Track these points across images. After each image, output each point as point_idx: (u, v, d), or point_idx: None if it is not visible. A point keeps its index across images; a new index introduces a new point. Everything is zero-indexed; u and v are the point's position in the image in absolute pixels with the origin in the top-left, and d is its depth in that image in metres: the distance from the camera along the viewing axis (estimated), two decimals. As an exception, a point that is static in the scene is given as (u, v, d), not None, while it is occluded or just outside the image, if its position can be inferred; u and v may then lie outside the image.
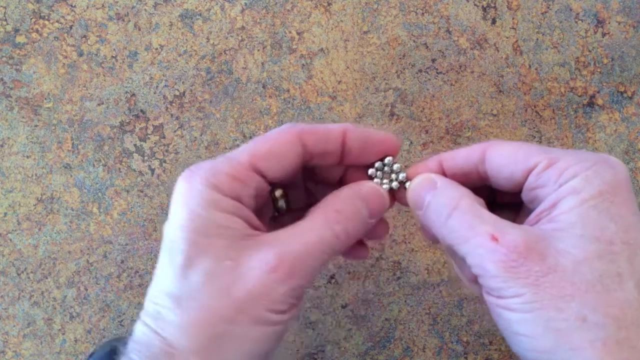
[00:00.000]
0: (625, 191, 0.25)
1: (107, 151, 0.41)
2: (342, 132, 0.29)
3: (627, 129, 0.41)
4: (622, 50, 0.42)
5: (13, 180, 0.40)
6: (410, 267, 0.41)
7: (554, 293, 0.24)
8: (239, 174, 0.26)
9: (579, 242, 0.24)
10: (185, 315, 0.25)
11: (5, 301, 0.40)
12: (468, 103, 0.41)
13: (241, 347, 0.25)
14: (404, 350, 0.40)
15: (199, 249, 0.25)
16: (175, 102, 0.41)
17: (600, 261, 0.24)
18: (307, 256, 0.26)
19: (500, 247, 0.25)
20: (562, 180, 0.25)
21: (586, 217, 0.24)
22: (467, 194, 0.28)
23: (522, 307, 0.25)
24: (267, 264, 0.25)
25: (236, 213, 0.26)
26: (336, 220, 0.27)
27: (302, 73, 0.41)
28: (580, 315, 0.24)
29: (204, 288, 0.25)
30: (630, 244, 0.24)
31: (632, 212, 0.25)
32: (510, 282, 0.25)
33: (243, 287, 0.25)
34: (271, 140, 0.27)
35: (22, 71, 0.41)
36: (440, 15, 0.41)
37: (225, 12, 0.41)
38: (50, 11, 0.41)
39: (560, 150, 0.27)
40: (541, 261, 0.24)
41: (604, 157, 0.26)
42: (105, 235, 0.40)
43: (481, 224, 0.26)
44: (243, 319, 0.25)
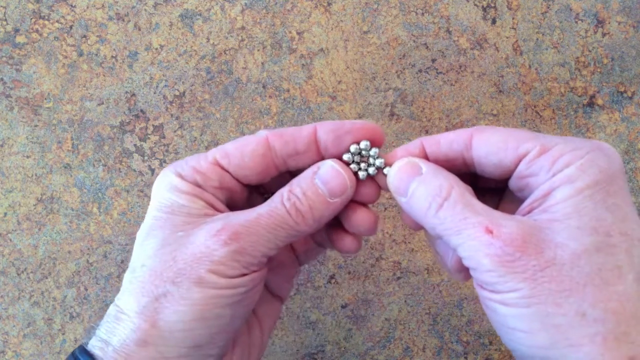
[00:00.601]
0: (621, 180, 0.24)
1: (107, 151, 0.41)
2: (312, 129, 0.29)
3: (627, 129, 0.41)
4: (622, 50, 0.42)
5: (13, 180, 0.40)
6: (410, 267, 0.41)
7: (552, 288, 0.23)
8: (201, 167, 0.29)
9: (576, 234, 0.23)
10: (135, 280, 0.27)
11: (5, 301, 0.40)
12: (468, 103, 0.41)
13: (181, 307, 0.26)
14: (404, 350, 0.40)
15: (160, 223, 0.27)
16: (175, 102, 0.41)
17: (598, 254, 0.23)
18: (255, 224, 0.27)
19: (496, 240, 0.24)
20: (556, 169, 0.25)
21: (582, 208, 0.24)
22: (457, 182, 0.27)
23: (519, 302, 0.24)
24: (213, 229, 0.27)
25: (197, 195, 0.28)
26: (288, 197, 0.28)
27: (302, 73, 0.41)
28: (579, 311, 0.23)
29: (155, 254, 0.27)
30: (628, 234, 0.23)
31: (628, 202, 0.24)
32: (507, 276, 0.24)
33: (187, 251, 0.26)
34: (238, 141, 0.30)
35: (22, 71, 0.41)
36: (440, 15, 0.41)
37: (225, 12, 0.41)
38: (50, 11, 0.41)
39: (552, 136, 0.26)
40: (538, 255, 0.24)
41: (598, 145, 0.25)
42: (105, 235, 0.40)
43: (474, 215, 0.25)
44: (183, 280, 0.26)
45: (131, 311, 0.26)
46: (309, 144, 0.29)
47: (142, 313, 0.26)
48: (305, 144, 0.29)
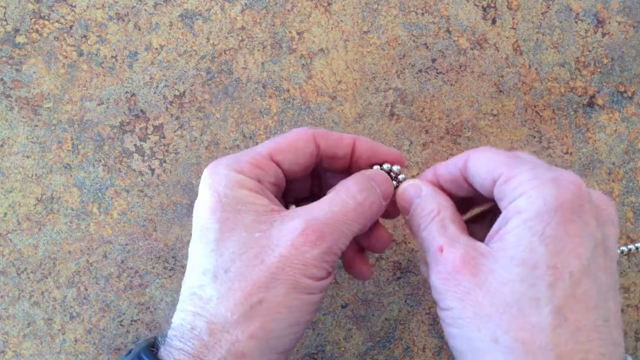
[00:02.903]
0: (569, 212, 0.24)
1: (107, 151, 0.41)
2: (352, 140, 0.31)
3: (627, 129, 0.41)
4: (622, 50, 0.42)
5: (13, 180, 0.40)
6: (410, 267, 0.41)
7: (476, 311, 0.24)
8: (258, 162, 0.28)
9: (507, 264, 0.24)
10: (222, 287, 0.25)
11: (5, 301, 0.40)
12: (468, 103, 0.41)
13: (279, 315, 0.25)
14: (404, 350, 0.40)
15: (230, 224, 0.26)
16: (175, 102, 0.41)
17: (521, 284, 0.24)
18: (334, 221, 0.27)
19: (441, 259, 0.26)
20: (512, 198, 0.26)
21: (520, 239, 0.24)
22: (444, 206, 0.28)
23: (452, 322, 0.25)
24: (296, 230, 0.26)
25: (260, 192, 0.27)
26: (358, 190, 0.28)
27: (302, 73, 0.41)
28: (493, 337, 0.24)
29: (238, 259, 0.25)
30: (557, 268, 0.24)
31: (572, 234, 0.24)
32: (444, 294, 0.25)
33: (276, 253, 0.25)
34: (289, 137, 0.30)
35: (22, 71, 0.41)
36: (440, 15, 0.41)
37: (225, 12, 0.41)
38: (50, 11, 0.41)
39: (528, 163, 0.27)
40: (472, 277, 0.25)
41: (558, 175, 0.25)
42: (105, 235, 0.40)
43: (440, 236, 0.27)
44: (278, 285, 0.25)
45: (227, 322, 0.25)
46: (347, 152, 0.31)
47: (240, 323, 0.24)
48: (345, 152, 0.31)
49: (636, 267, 0.41)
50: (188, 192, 0.41)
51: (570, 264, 0.24)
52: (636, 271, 0.41)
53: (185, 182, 0.41)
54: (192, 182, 0.41)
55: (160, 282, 0.40)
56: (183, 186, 0.41)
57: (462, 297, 0.25)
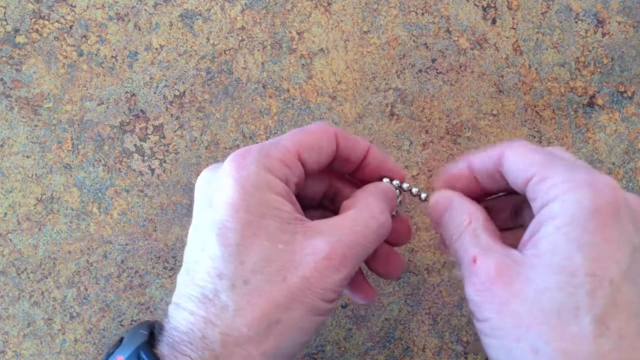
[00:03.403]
0: (605, 216, 0.23)
1: (107, 151, 0.41)
2: (367, 146, 0.30)
3: (627, 129, 0.41)
4: (622, 50, 0.42)
5: (13, 180, 0.40)
6: (410, 267, 0.41)
7: (514, 322, 0.24)
8: (288, 160, 0.27)
9: (544, 272, 0.24)
10: (241, 299, 0.24)
11: (5, 301, 0.40)
12: (468, 103, 0.41)
13: (293, 336, 0.25)
14: (404, 350, 0.40)
15: (252, 229, 0.25)
16: (175, 102, 0.41)
17: (559, 293, 0.23)
18: (356, 244, 0.26)
19: (475, 270, 0.25)
20: (545, 200, 0.25)
21: (556, 246, 0.24)
22: (475, 216, 0.28)
23: (490, 333, 0.25)
24: (322, 252, 0.25)
25: (286, 197, 0.26)
26: (380, 211, 0.28)
27: (302, 73, 0.41)
28: (533, 347, 0.23)
29: (259, 272, 0.24)
30: (596, 275, 0.23)
31: (610, 240, 0.23)
32: (481, 306, 0.25)
33: (299, 273, 0.25)
34: (315, 133, 0.28)
35: (22, 71, 0.41)
36: (440, 15, 0.41)
37: (225, 12, 0.41)
38: (50, 11, 0.41)
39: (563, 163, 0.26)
40: (507, 287, 0.24)
41: (593, 178, 0.24)
42: (105, 235, 0.40)
43: (472, 246, 0.26)
44: (297, 307, 0.25)
45: (242, 337, 0.24)
46: (360, 157, 0.30)
47: (254, 340, 0.24)
48: (358, 156, 0.30)
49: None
50: (188, 192, 0.41)
51: (609, 271, 0.23)
52: None
53: (185, 182, 0.41)
54: (192, 182, 0.41)
55: (160, 282, 0.40)
56: (183, 186, 0.41)
57: (499, 307, 0.24)
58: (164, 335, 0.25)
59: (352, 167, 0.31)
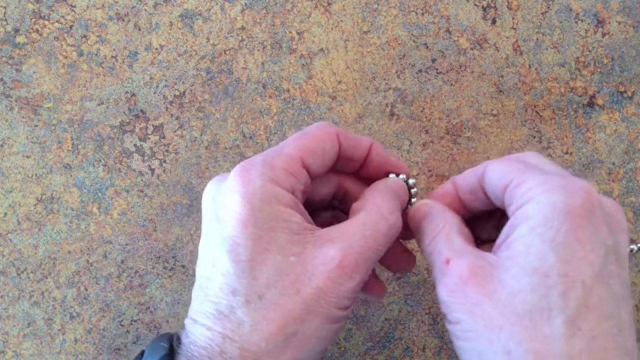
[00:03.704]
0: (579, 218, 0.23)
1: (107, 151, 0.41)
2: (369, 144, 0.30)
3: (627, 129, 0.41)
4: (622, 50, 0.42)
5: (13, 180, 0.40)
6: (410, 267, 0.41)
7: (486, 323, 0.24)
8: (293, 169, 0.27)
9: (517, 273, 0.24)
10: (256, 314, 0.24)
11: (5, 301, 0.40)
12: (468, 103, 0.41)
13: (311, 346, 0.25)
14: (404, 350, 0.40)
15: (263, 244, 0.25)
16: (175, 102, 0.41)
17: (532, 294, 0.23)
18: (367, 248, 0.26)
19: (448, 271, 0.25)
20: (520, 203, 0.25)
21: (530, 247, 0.24)
22: (451, 222, 0.28)
23: (461, 335, 0.25)
24: (333, 260, 0.25)
25: (294, 208, 0.26)
26: (389, 211, 0.28)
27: (302, 73, 0.41)
28: (506, 349, 0.23)
29: (273, 286, 0.24)
30: (568, 276, 0.23)
31: (583, 241, 0.23)
32: (452, 306, 0.25)
33: (312, 284, 0.25)
34: (317, 137, 0.28)
35: (22, 71, 0.41)
36: (440, 15, 0.41)
37: (225, 12, 0.41)
38: (50, 11, 0.41)
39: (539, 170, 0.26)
40: (480, 289, 0.24)
41: (567, 181, 0.24)
42: (105, 235, 0.40)
43: (446, 249, 0.26)
44: (313, 318, 0.25)
45: (260, 351, 0.24)
46: (363, 156, 0.30)
47: (272, 353, 0.24)
48: (361, 155, 0.30)
49: (636, 267, 0.41)
50: (188, 192, 0.41)
51: (582, 272, 0.23)
52: (636, 271, 0.41)
53: (185, 182, 0.41)
54: (192, 182, 0.41)
55: (160, 282, 0.40)
56: (183, 186, 0.41)
57: (471, 309, 0.24)
58: (183, 349, 0.26)
59: (355, 166, 0.31)
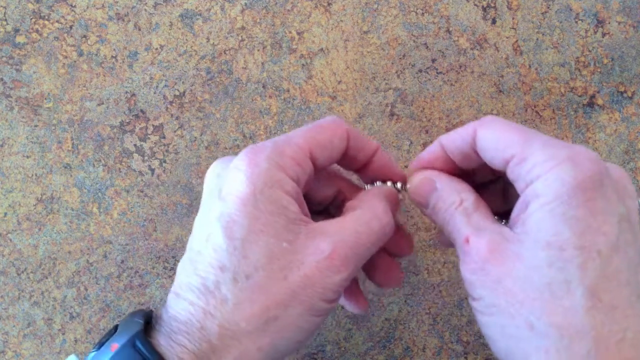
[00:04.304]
0: (589, 190, 0.24)
1: (107, 151, 0.41)
2: (376, 147, 0.30)
3: (627, 129, 0.41)
4: (622, 50, 0.42)
5: (13, 180, 0.40)
6: (410, 267, 0.41)
7: (508, 299, 0.24)
8: (300, 159, 0.27)
9: (533, 248, 0.24)
10: (241, 293, 0.24)
11: (5, 301, 0.40)
12: (468, 103, 0.41)
13: (290, 334, 0.25)
14: (404, 350, 0.40)
15: (259, 225, 0.25)
16: (175, 102, 0.41)
17: (549, 268, 0.23)
18: (359, 245, 0.26)
19: (469, 250, 0.26)
20: (528, 180, 0.25)
21: (542, 222, 0.24)
22: (465, 195, 0.28)
23: (484, 310, 0.25)
24: (324, 252, 0.25)
25: (294, 197, 0.26)
26: (383, 211, 0.28)
27: (302, 73, 0.41)
28: (528, 322, 0.23)
29: (262, 268, 0.24)
30: (584, 247, 0.23)
31: (596, 212, 0.23)
32: (475, 284, 0.25)
33: (300, 272, 0.25)
34: (328, 130, 0.28)
35: (22, 71, 0.41)
36: (440, 15, 0.41)
37: (225, 12, 0.41)
38: (50, 11, 0.41)
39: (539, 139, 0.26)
40: (500, 265, 0.24)
41: (573, 153, 0.24)
42: (105, 235, 0.40)
43: (465, 226, 0.27)
44: (296, 305, 0.25)
45: (240, 331, 0.24)
46: (367, 158, 0.30)
47: (251, 335, 0.24)
48: (366, 157, 0.30)
49: (636, 267, 0.41)
50: (188, 192, 0.41)
51: (597, 243, 0.23)
52: (636, 271, 0.41)
53: (185, 182, 0.41)
54: (192, 182, 0.41)
55: (160, 282, 0.40)
56: (183, 186, 0.41)
57: (493, 285, 0.24)
58: (161, 324, 0.25)
59: (357, 166, 0.31)
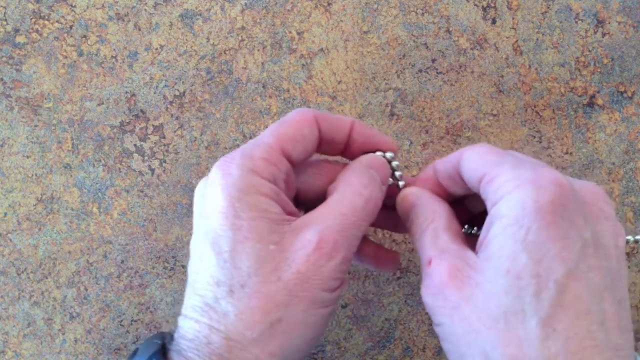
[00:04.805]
0: (549, 214, 0.23)
1: (107, 151, 0.41)
2: (350, 123, 0.29)
3: (627, 129, 0.41)
4: (622, 50, 0.42)
5: (13, 180, 0.40)
6: (410, 267, 0.41)
7: (464, 327, 0.23)
8: (273, 158, 0.26)
9: (492, 275, 0.23)
10: (240, 303, 0.24)
11: (5, 301, 0.40)
12: (468, 103, 0.41)
13: (298, 332, 0.25)
14: (404, 350, 0.40)
15: (243, 233, 0.25)
16: (175, 102, 0.41)
17: (506, 297, 0.23)
18: (347, 226, 0.26)
19: (430, 272, 0.25)
20: (494, 200, 0.25)
21: (503, 248, 0.23)
22: (439, 214, 0.28)
23: (445, 337, 0.25)
24: (311, 243, 0.25)
25: (274, 197, 0.26)
26: (362, 186, 0.27)
27: (302, 73, 0.41)
28: (484, 353, 0.23)
29: (254, 274, 0.24)
30: (540, 276, 0.22)
31: (555, 238, 0.23)
32: (434, 309, 0.25)
33: (292, 269, 0.25)
34: (295, 123, 0.28)
35: (22, 71, 0.41)
36: (440, 15, 0.41)
37: (225, 12, 0.41)
38: (50, 11, 0.41)
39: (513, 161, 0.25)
40: (458, 291, 0.24)
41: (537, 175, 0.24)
42: (105, 235, 0.40)
43: (430, 247, 0.26)
44: (297, 303, 0.24)
45: (245, 340, 0.24)
46: (345, 136, 0.29)
47: (259, 342, 0.24)
48: (343, 135, 0.29)
49: (636, 267, 0.41)
50: (188, 192, 0.41)
51: (554, 271, 0.22)
52: (636, 271, 0.41)
53: (185, 182, 0.41)
54: (192, 182, 0.41)
55: (160, 282, 0.40)
56: (183, 186, 0.41)
57: (451, 312, 0.24)
58: (173, 344, 0.26)
59: (340, 148, 0.30)
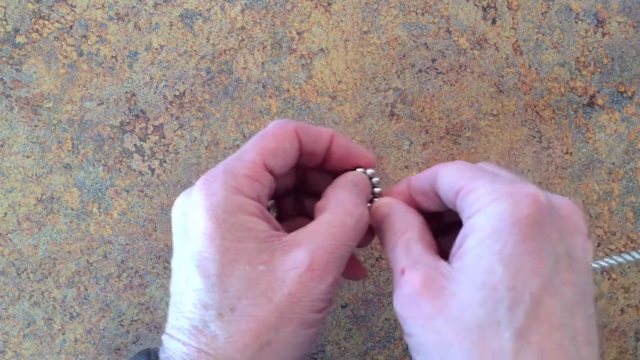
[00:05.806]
0: (526, 228, 0.23)
1: (107, 151, 0.41)
2: (330, 136, 0.29)
3: (627, 129, 0.41)
4: (622, 50, 0.42)
5: (13, 180, 0.40)
6: (410, 267, 0.41)
7: (437, 338, 0.23)
8: (256, 175, 0.26)
9: (468, 287, 0.23)
10: (230, 327, 0.24)
11: (5, 301, 0.40)
12: (468, 103, 0.41)
13: (287, 353, 0.24)
14: (404, 350, 0.40)
15: (231, 255, 0.24)
16: (175, 102, 0.41)
17: (481, 308, 0.23)
18: (337, 246, 0.26)
19: (403, 281, 0.25)
20: (469, 213, 0.24)
21: (479, 259, 0.23)
22: (412, 225, 0.27)
23: (416, 349, 0.24)
24: (303, 264, 0.25)
25: (260, 215, 0.26)
26: (354, 205, 0.27)
27: (302, 73, 0.41)
28: None
29: (244, 297, 0.24)
30: (516, 289, 0.22)
31: (531, 252, 0.23)
32: (406, 320, 0.24)
33: (284, 291, 0.24)
34: (276, 137, 0.28)
35: (22, 71, 0.41)
36: (440, 15, 0.41)
37: (225, 12, 0.41)
38: (50, 11, 0.41)
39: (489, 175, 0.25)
40: (432, 301, 0.24)
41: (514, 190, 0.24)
42: (105, 235, 0.40)
43: (403, 257, 0.26)
44: (287, 325, 0.24)
45: None
46: (324, 149, 0.29)
47: None
48: (323, 148, 0.29)
49: (636, 267, 0.41)
50: (188, 192, 0.41)
51: (529, 284, 0.22)
52: (636, 271, 0.41)
53: (185, 182, 0.41)
54: (192, 182, 0.41)
55: (160, 282, 0.40)
56: (183, 186, 0.41)
57: (423, 322, 0.24)
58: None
59: (318, 160, 0.30)
